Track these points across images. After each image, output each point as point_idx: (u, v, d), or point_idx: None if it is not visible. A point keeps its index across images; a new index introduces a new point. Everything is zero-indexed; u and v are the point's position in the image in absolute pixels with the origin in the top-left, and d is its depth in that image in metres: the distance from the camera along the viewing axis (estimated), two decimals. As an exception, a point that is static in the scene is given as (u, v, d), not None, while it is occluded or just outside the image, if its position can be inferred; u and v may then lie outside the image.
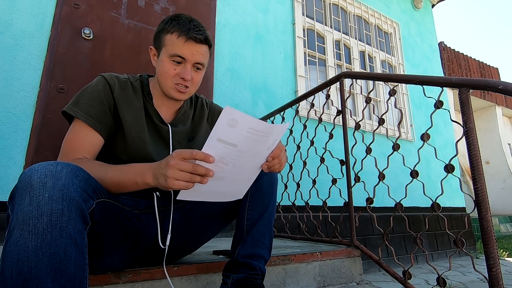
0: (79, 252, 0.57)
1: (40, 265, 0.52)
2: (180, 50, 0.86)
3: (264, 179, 0.93)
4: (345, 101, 1.68)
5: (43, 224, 0.54)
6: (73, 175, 0.61)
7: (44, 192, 0.56)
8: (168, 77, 0.88)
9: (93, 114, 0.84)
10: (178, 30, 0.86)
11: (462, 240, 1.07)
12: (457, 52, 6.51)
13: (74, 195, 0.59)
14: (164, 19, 0.92)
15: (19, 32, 1.71)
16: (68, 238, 0.56)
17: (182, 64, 0.88)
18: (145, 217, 0.89)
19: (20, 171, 1.58)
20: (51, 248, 0.53)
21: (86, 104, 0.85)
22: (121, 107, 0.89)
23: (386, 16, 3.80)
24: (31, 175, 0.57)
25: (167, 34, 0.88)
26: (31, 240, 0.53)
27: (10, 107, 1.62)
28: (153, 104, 0.95)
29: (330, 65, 3.07)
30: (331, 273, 1.38)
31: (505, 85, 0.94)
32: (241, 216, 0.94)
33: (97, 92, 0.87)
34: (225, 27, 2.47)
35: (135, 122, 0.90)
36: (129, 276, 0.92)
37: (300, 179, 1.90)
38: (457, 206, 3.65)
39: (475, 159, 1.00)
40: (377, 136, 1.73)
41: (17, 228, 0.54)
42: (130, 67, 2.01)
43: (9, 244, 0.54)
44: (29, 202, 0.55)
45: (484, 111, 7.35)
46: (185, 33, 0.85)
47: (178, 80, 0.88)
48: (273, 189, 0.96)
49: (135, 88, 0.94)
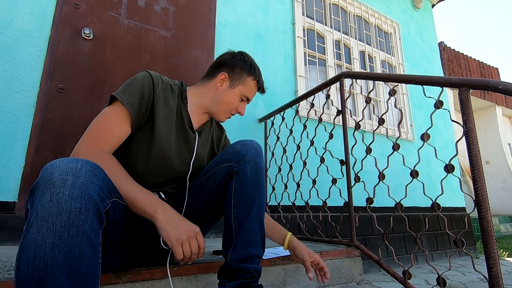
0: (93, 252, 0.58)
1: (56, 262, 0.53)
2: (251, 94, 1.08)
3: (247, 169, 0.89)
4: (345, 101, 1.68)
5: (62, 222, 0.54)
6: (92, 173, 0.62)
7: (64, 190, 0.56)
8: (229, 108, 1.06)
9: (134, 104, 0.88)
10: (257, 80, 1.09)
11: (462, 240, 1.07)
12: (457, 52, 6.51)
13: (92, 193, 0.59)
14: (242, 55, 1.11)
15: (19, 32, 1.71)
16: (84, 237, 0.56)
17: (243, 102, 1.09)
18: (146, 219, 0.89)
19: (20, 171, 1.58)
20: (67, 246, 0.54)
21: (131, 94, 0.89)
22: (158, 105, 0.93)
23: (386, 16, 3.80)
24: (52, 171, 0.58)
25: (249, 77, 1.08)
26: (49, 236, 0.53)
27: (10, 107, 1.62)
28: (187, 109, 1.03)
29: (330, 65, 3.07)
30: (331, 273, 1.38)
31: (505, 85, 0.94)
32: (228, 214, 0.90)
33: (141, 85, 0.92)
34: (225, 27, 2.47)
35: (166, 121, 0.95)
36: (129, 276, 0.92)
37: (300, 179, 1.90)
38: (457, 206, 3.65)
39: (475, 159, 1.00)
40: (377, 136, 1.73)
41: (36, 223, 0.54)
42: (130, 67, 2.01)
43: (26, 239, 0.54)
44: (49, 198, 0.55)
45: (484, 111, 7.35)
46: (261, 85, 1.11)
47: (233, 112, 1.08)
48: (259, 179, 0.91)
49: (173, 91, 1.01)
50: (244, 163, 0.88)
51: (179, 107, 1.00)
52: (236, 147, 0.93)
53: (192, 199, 0.98)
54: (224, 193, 0.93)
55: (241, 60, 1.06)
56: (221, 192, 0.94)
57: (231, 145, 0.97)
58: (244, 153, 0.90)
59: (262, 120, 2.39)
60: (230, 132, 2.26)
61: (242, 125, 2.34)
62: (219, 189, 0.94)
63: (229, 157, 0.92)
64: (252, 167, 0.90)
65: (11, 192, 1.55)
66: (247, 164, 0.89)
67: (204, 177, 0.97)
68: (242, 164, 0.88)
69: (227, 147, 0.98)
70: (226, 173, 0.91)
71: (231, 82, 1.05)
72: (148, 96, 0.91)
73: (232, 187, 0.89)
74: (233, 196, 0.89)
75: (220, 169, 0.93)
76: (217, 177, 0.93)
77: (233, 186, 0.89)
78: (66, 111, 1.74)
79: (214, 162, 0.96)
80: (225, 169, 0.92)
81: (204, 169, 0.99)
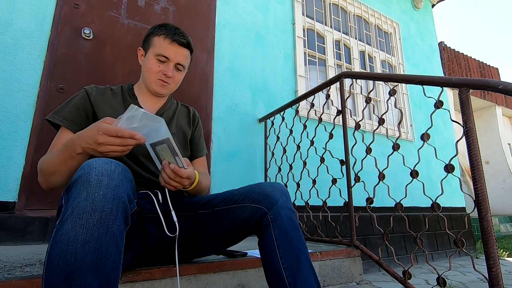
0: (118, 252, 0.60)
1: (85, 258, 0.55)
2: (165, 50, 0.99)
3: (282, 215, 0.84)
4: (345, 101, 1.68)
5: (94, 220, 0.57)
6: (123, 175, 0.65)
7: (99, 190, 0.60)
8: (153, 73, 1.01)
9: (68, 118, 0.94)
10: (164, 33, 1.00)
11: (462, 240, 1.07)
12: (457, 52, 6.51)
13: (123, 195, 0.63)
14: (152, 26, 1.05)
15: (19, 32, 1.71)
16: (111, 236, 0.59)
17: (165, 63, 1.01)
18: (146, 221, 0.91)
19: (20, 171, 1.58)
20: (96, 244, 0.56)
21: (64, 111, 0.95)
22: (99, 109, 0.98)
23: (386, 16, 3.80)
24: (89, 171, 0.62)
25: (155, 37, 1.01)
26: (81, 233, 0.56)
27: (10, 107, 1.62)
28: (138, 102, 1.06)
29: (330, 65, 3.07)
30: (331, 273, 1.38)
31: (505, 85, 0.94)
32: (274, 265, 0.79)
33: (73, 99, 0.99)
34: (225, 27, 2.47)
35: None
36: (129, 276, 0.92)
37: (300, 179, 1.90)
38: (457, 206, 3.65)
39: (475, 159, 1.00)
40: (377, 136, 1.73)
41: (70, 219, 0.57)
42: (130, 67, 2.01)
43: (59, 234, 0.56)
44: (85, 197, 0.59)
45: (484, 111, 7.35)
46: (171, 36, 1.00)
47: (161, 77, 1.01)
48: (297, 225, 0.86)
49: (115, 93, 1.06)
50: (278, 209, 0.84)
51: (127, 103, 1.03)
52: (266, 189, 0.89)
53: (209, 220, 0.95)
54: (244, 231, 0.91)
55: (151, 28, 1.06)
56: (242, 229, 0.91)
57: (258, 185, 0.92)
58: (275, 198, 0.86)
59: (262, 120, 2.39)
60: (230, 132, 2.26)
61: (242, 125, 2.34)
62: (241, 225, 0.90)
63: (258, 198, 0.88)
64: (287, 213, 0.85)
65: (11, 192, 1.55)
66: (281, 210, 0.85)
67: (227, 206, 0.93)
68: (276, 211, 0.84)
69: (253, 186, 0.93)
70: (254, 214, 0.86)
71: (145, 52, 1.05)
72: (84, 106, 0.97)
73: (271, 235, 0.82)
74: (276, 245, 0.81)
75: (248, 207, 0.88)
76: (242, 213, 0.89)
77: (273, 234, 0.82)
78: (66, 111, 1.74)
79: (240, 196, 0.92)
80: (253, 210, 0.87)
81: (228, 197, 0.94)
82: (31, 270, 0.93)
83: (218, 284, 1.10)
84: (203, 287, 1.06)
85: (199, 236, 0.95)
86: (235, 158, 2.24)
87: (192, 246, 0.97)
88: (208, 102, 2.24)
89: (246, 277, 1.17)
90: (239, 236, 0.95)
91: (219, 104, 2.28)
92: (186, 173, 0.83)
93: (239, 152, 2.27)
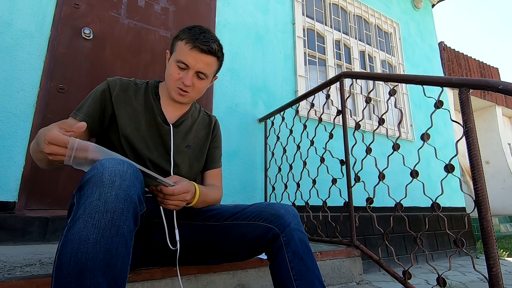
0: (127, 252, 0.60)
1: (96, 258, 0.55)
2: (185, 57, 0.92)
3: (295, 238, 0.84)
4: (345, 101, 1.68)
5: (106, 220, 0.57)
6: (135, 176, 0.65)
7: (112, 190, 0.60)
8: (172, 80, 0.95)
9: (86, 112, 0.92)
10: (187, 38, 0.92)
11: (462, 240, 1.07)
12: (457, 52, 6.51)
13: (134, 196, 0.62)
14: (183, 27, 0.99)
15: (19, 32, 1.71)
16: (122, 237, 0.59)
17: (185, 71, 0.94)
18: (152, 225, 0.91)
19: (20, 171, 1.58)
20: (107, 244, 0.56)
21: (84, 107, 0.93)
22: (119, 107, 0.95)
23: (386, 16, 3.80)
24: (102, 171, 0.61)
25: (178, 41, 0.95)
26: (93, 233, 0.56)
27: (10, 107, 1.62)
28: (159, 104, 1.02)
29: (330, 65, 3.07)
30: (331, 273, 1.38)
31: (505, 85, 0.94)
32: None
33: (95, 92, 0.96)
34: (225, 27, 2.47)
35: (130, 120, 0.96)
36: (129, 276, 0.92)
37: (300, 179, 1.90)
38: (457, 206, 3.65)
39: (475, 159, 1.00)
40: (377, 136, 1.73)
41: (82, 218, 0.57)
42: (130, 67, 2.01)
43: (71, 232, 0.56)
44: (98, 197, 0.58)
45: (484, 111, 7.35)
46: (192, 42, 0.91)
47: (180, 85, 0.95)
48: (309, 248, 0.86)
49: (138, 89, 1.01)
50: (291, 232, 0.84)
51: (149, 104, 1.00)
52: (279, 210, 0.88)
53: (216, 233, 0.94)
54: (252, 249, 0.90)
55: (179, 31, 0.99)
56: (251, 246, 0.90)
57: (270, 205, 0.91)
58: (288, 220, 0.86)
59: (262, 120, 2.39)
60: (230, 132, 2.26)
61: (242, 125, 2.34)
62: (251, 243, 0.89)
63: (270, 218, 0.87)
64: (300, 236, 0.85)
65: (11, 192, 1.55)
66: (294, 233, 0.84)
67: (237, 222, 0.92)
68: (289, 233, 0.84)
69: (265, 205, 0.92)
70: (265, 233, 0.86)
71: (170, 55, 1.00)
72: (103, 100, 0.95)
73: (284, 258, 0.82)
74: (290, 268, 0.81)
75: (259, 226, 0.88)
76: (253, 230, 0.89)
77: (287, 257, 0.82)
78: (66, 111, 1.74)
79: (251, 213, 0.91)
80: (265, 229, 0.86)
81: (239, 212, 0.94)
82: (31, 270, 0.93)
83: (218, 284, 1.10)
84: (203, 287, 1.06)
85: (204, 247, 0.94)
86: (235, 158, 2.24)
87: (195, 256, 0.96)
88: (208, 102, 2.24)
89: (246, 277, 1.17)
90: (245, 253, 0.93)
91: (219, 104, 2.28)
92: (170, 190, 0.79)
93: (239, 152, 2.27)
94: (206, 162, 1.13)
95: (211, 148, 1.14)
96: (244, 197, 2.21)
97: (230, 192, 2.16)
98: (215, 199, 1.04)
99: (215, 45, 0.94)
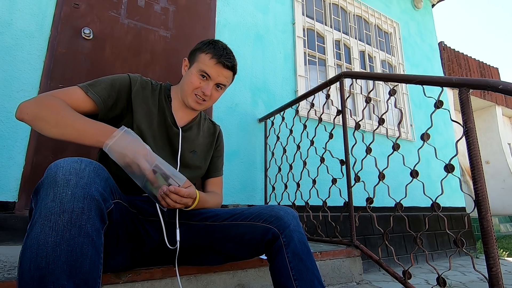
0: (95, 251, 0.58)
1: (57, 261, 0.53)
2: (209, 69, 0.99)
3: (295, 239, 0.85)
4: (345, 101, 1.68)
5: (64, 222, 0.55)
6: (95, 174, 0.63)
7: (67, 190, 0.57)
8: (191, 88, 1.01)
9: (101, 94, 0.91)
10: (212, 53, 1.00)
11: (462, 240, 1.07)
12: (457, 52, 6.51)
13: (95, 194, 0.60)
14: (203, 40, 1.06)
15: (19, 32, 1.71)
16: (86, 236, 0.57)
17: (206, 81, 1.01)
18: (147, 224, 0.91)
19: (20, 171, 1.58)
20: (69, 246, 0.54)
21: (100, 87, 0.92)
22: (136, 102, 0.98)
23: (386, 16, 3.80)
24: (56, 171, 0.59)
25: (202, 53, 1.01)
26: (51, 235, 0.54)
27: (10, 107, 1.61)
28: (170, 107, 1.06)
29: (330, 65, 3.07)
30: (331, 273, 1.38)
31: (505, 85, 0.94)
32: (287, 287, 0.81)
33: (115, 80, 0.96)
34: (225, 27, 2.47)
35: (146, 117, 0.99)
36: (129, 276, 0.92)
37: (300, 179, 1.90)
38: (457, 206, 3.65)
39: (475, 159, 1.00)
40: (377, 136, 1.73)
41: (39, 222, 0.55)
42: (130, 67, 2.00)
43: (29, 238, 0.55)
44: (52, 198, 0.57)
45: (484, 111, 7.35)
46: (217, 58, 0.99)
47: (199, 93, 1.01)
48: (308, 249, 0.87)
49: (154, 90, 1.05)
50: (290, 233, 0.85)
51: (161, 106, 1.04)
52: (278, 212, 0.89)
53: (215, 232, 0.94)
54: (252, 250, 0.91)
55: (200, 43, 1.05)
56: (250, 247, 0.91)
57: (270, 207, 0.93)
58: (288, 222, 0.87)
59: (262, 120, 2.39)
60: (230, 132, 2.26)
61: (242, 125, 2.34)
62: (251, 243, 0.90)
63: (270, 219, 0.88)
64: (299, 237, 0.86)
65: (11, 192, 1.55)
66: (293, 234, 0.86)
67: (236, 222, 0.93)
68: (289, 234, 0.85)
69: (265, 207, 0.94)
70: (265, 233, 0.87)
71: (190, 64, 1.05)
72: (121, 91, 0.95)
73: (284, 258, 0.83)
74: (290, 268, 0.82)
75: (259, 226, 0.89)
76: (252, 231, 0.90)
77: (286, 258, 0.83)
78: (66, 111, 1.74)
79: (251, 214, 0.92)
80: (264, 229, 0.88)
81: (238, 213, 0.95)
82: (31, 270, 0.93)
83: (218, 284, 1.10)
84: (203, 287, 1.06)
85: (203, 247, 0.94)
86: (235, 158, 2.24)
87: (194, 256, 0.97)
88: (208, 102, 2.24)
89: (246, 277, 1.17)
90: (246, 253, 0.94)
91: (219, 104, 2.27)
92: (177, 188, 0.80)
93: (239, 152, 2.27)
94: (209, 170, 1.17)
95: (214, 157, 1.18)
96: (244, 197, 2.21)
97: (230, 192, 2.16)
98: (214, 205, 1.08)
99: (235, 62, 1.05)
